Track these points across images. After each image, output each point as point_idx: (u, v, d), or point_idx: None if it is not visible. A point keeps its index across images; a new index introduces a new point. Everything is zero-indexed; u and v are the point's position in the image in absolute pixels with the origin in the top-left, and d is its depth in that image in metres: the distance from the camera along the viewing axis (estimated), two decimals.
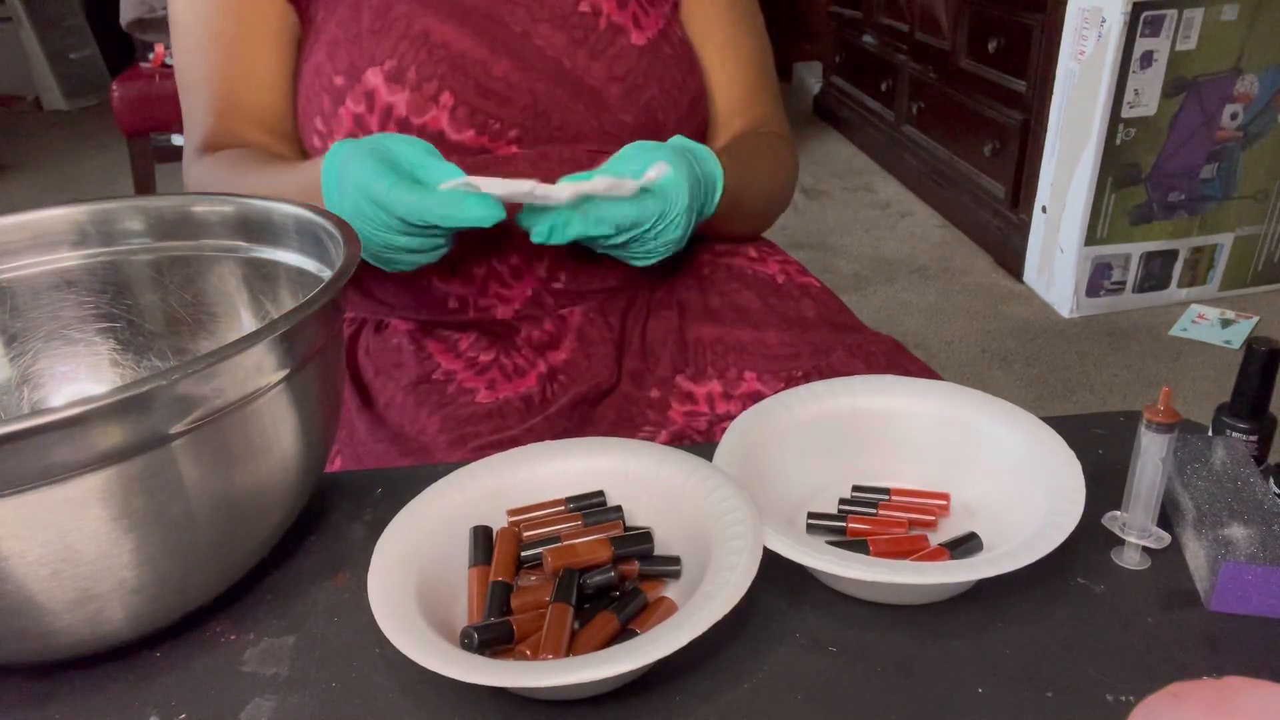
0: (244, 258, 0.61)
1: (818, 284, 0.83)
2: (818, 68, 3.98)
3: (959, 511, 0.54)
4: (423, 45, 0.72)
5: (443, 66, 0.72)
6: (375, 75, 0.72)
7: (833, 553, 0.46)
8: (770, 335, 0.76)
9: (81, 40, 4.42)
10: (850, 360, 0.73)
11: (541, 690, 0.42)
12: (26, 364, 0.60)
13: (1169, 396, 0.47)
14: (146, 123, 2.32)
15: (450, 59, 0.72)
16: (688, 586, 0.46)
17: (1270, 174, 2.07)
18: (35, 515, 0.39)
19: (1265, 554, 0.46)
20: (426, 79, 0.72)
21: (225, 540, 0.46)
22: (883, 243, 2.59)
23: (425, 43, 0.72)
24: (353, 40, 0.73)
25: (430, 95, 0.72)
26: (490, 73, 0.73)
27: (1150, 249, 2.10)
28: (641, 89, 0.77)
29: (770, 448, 0.54)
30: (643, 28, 0.78)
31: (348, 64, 0.73)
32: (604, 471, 0.53)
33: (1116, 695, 0.42)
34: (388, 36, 0.73)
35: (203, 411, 0.41)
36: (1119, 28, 1.85)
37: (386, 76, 0.72)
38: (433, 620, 0.43)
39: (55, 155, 3.76)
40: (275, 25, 0.77)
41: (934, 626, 0.46)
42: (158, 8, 2.32)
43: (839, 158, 3.33)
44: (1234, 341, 1.98)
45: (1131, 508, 0.49)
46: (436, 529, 0.49)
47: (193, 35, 0.78)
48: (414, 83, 0.72)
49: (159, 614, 0.45)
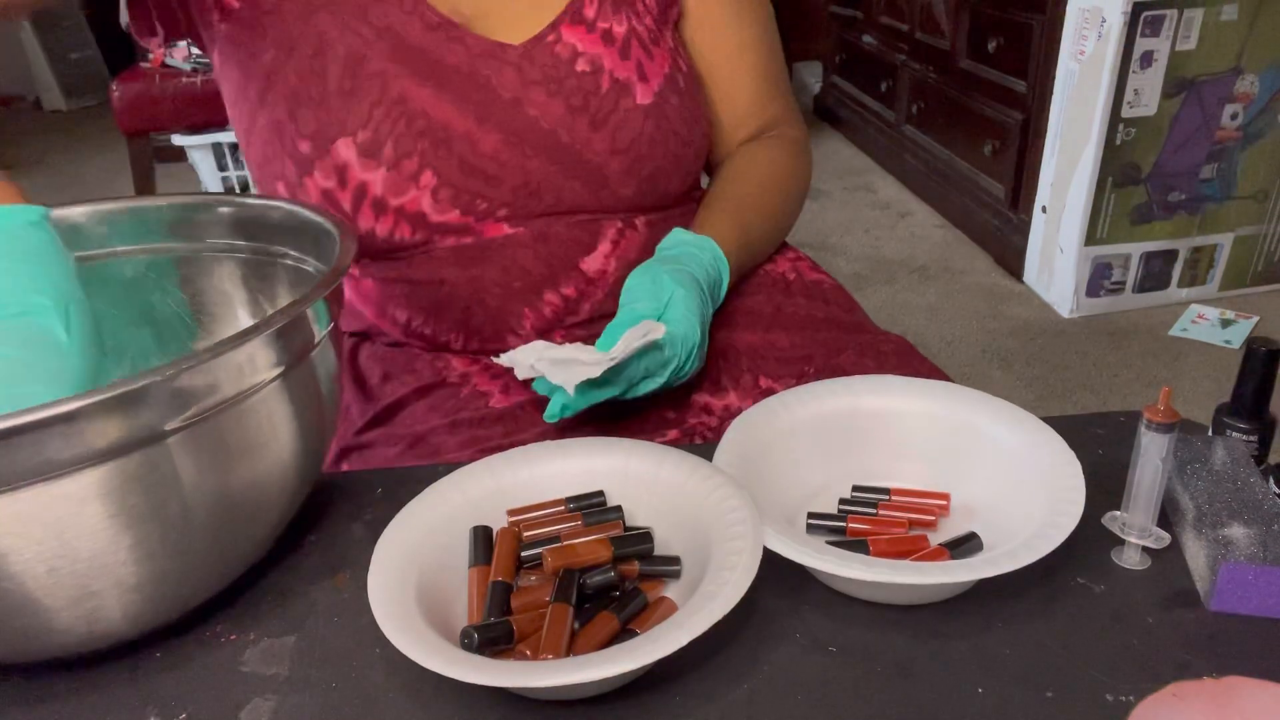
0: (243, 258, 0.61)
1: (829, 280, 0.82)
2: (818, 68, 3.98)
3: (959, 511, 0.54)
4: (400, 114, 0.65)
5: (423, 141, 0.65)
6: (347, 148, 0.65)
7: (833, 553, 0.46)
8: (781, 337, 0.74)
9: (81, 40, 4.42)
10: (861, 360, 0.73)
11: (541, 690, 0.42)
12: None
13: (1169, 396, 0.46)
14: (146, 123, 2.32)
15: (431, 132, 0.66)
16: (688, 586, 0.46)
17: (1270, 174, 2.07)
18: (32, 512, 0.39)
19: (1265, 554, 0.46)
20: (406, 155, 0.65)
21: (223, 537, 0.46)
22: (883, 243, 2.59)
23: (404, 111, 0.65)
24: (319, 101, 0.66)
25: (410, 174, 0.65)
26: (477, 149, 0.67)
27: (1150, 249, 2.10)
28: (645, 160, 0.71)
29: (770, 447, 0.54)
30: (648, 79, 0.71)
31: (315, 129, 0.66)
32: (604, 471, 0.52)
33: (1116, 695, 0.42)
34: (360, 100, 0.65)
35: (199, 407, 0.41)
36: (1119, 28, 1.85)
37: (360, 150, 0.65)
38: (433, 620, 0.43)
39: (55, 155, 3.77)
40: None
41: (934, 626, 0.46)
42: None
43: (839, 158, 3.33)
44: (1234, 341, 1.98)
45: (1131, 508, 0.49)
46: (436, 529, 0.49)
47: None
48: (391, 160, 0.65)
49: (158, 612, 0.45)
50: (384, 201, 0.66)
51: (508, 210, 0.69)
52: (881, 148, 3.18)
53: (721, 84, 0.80)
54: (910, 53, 2.93)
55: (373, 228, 0.68)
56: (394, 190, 0.66)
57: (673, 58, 0.74)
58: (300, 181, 0.67)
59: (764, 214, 0.78)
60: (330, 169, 0.66)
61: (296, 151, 0.66)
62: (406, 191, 0.66)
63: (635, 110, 0.70)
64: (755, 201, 0.77)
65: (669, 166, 0.73)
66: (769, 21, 0.83)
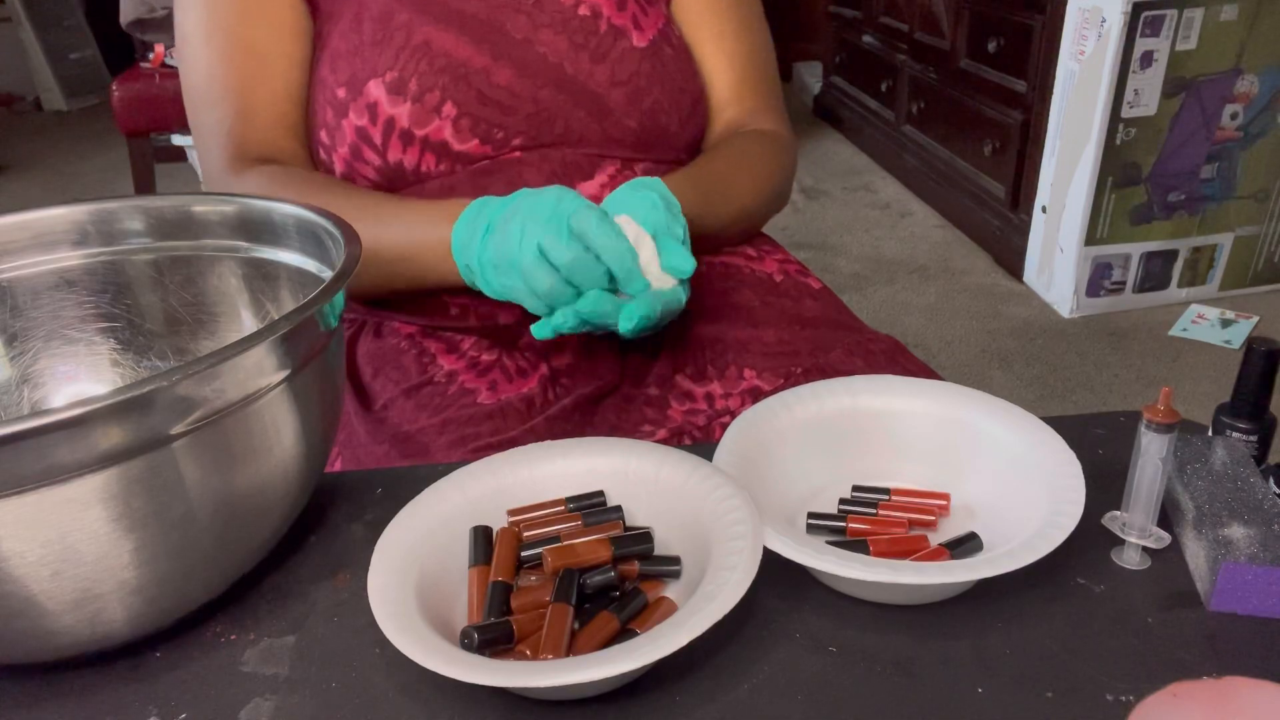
0: (244, 257, 0.61)
1: (818, 284, 0.83)
2: (818, 68, 3.98)
3: (959, 511, 0.54)
4: (423, 55, 0.72)
5: (444, 77, 0.72)
6: (377, 87, 0.72)
7: (833, 553, 0.46)
8: (768, 333, 0.75)
9: (81, 40, 4.42)
10: (849, 359, 0.73)
11: (541, 690, 0.42)
12: (26, 364, 0.60)
13: (1169, 396, 0.47)
14: (146, 123, 2.32)
15: (451, 68, 0.72)
16: (688, 586, 0.46)
17: (1270, 174, 2.07)
18: (36, 516, 0.39)
19: (1265, 554, 0.46)
20: (428, 89, 0.72)
21: (226, 541, 0.46)
22: (883, 243, 2.59)
23: (426, 52, 0.72)
24: (354, 52, 0.73)
25: (432, 106, 0.72)
26: (492, 81, 0.73)
27: (1150, 249, 2.10)
28: (645, 93, 0.77)
29: (770, 447, 0.54)
30: (643, 29, 0.78)
31: (349, 76, 0.73)
32: (604, 471, 0.53)
33: (1116, 695, 0.42)
34: (388, 47, 0.73)
35: (203, 412, 0.41)
36: (1119, 28, 1.85)
37: (388, 88, 0.72)
38: (433, 620, 0.43)
39: (55, 155, 3.77)
40: (299, 32, 0.77)
41: (934, 626, 0.46)
42: (157, 8, 2.32)
43: (839, 158, 3.33)
44: (1234, 341, 1.98)
45: (1131, 508, 0.49)
46: (436, 529, 0.49)
47: (215, 45, 0.76)
48: (415, 94, 0.72)
49: (159, 614, 0.45)
50: (410, 133, 0.73)
51: (523, 139, 0.75)
52: (881, 148, 3.18)
53: (703, 65, 0.84)
54: (910, 53, 2.93)
55: (401, 159, 0.74)
56: (419, 122, 0.72)
57: (665, 22, 0.81)
58: (338, 124, 0.74)
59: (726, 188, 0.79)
60: (363, 108, 0.73)
61: (335, 98, 0.74)
62: (430, 122, 0.72)
63: (632, 50, 0.77)
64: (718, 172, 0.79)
65: (667, 104, 0.78)
66: (757, 19, 0.87)
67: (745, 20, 0.86)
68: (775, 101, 0.88)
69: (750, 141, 0.83)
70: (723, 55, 0.84)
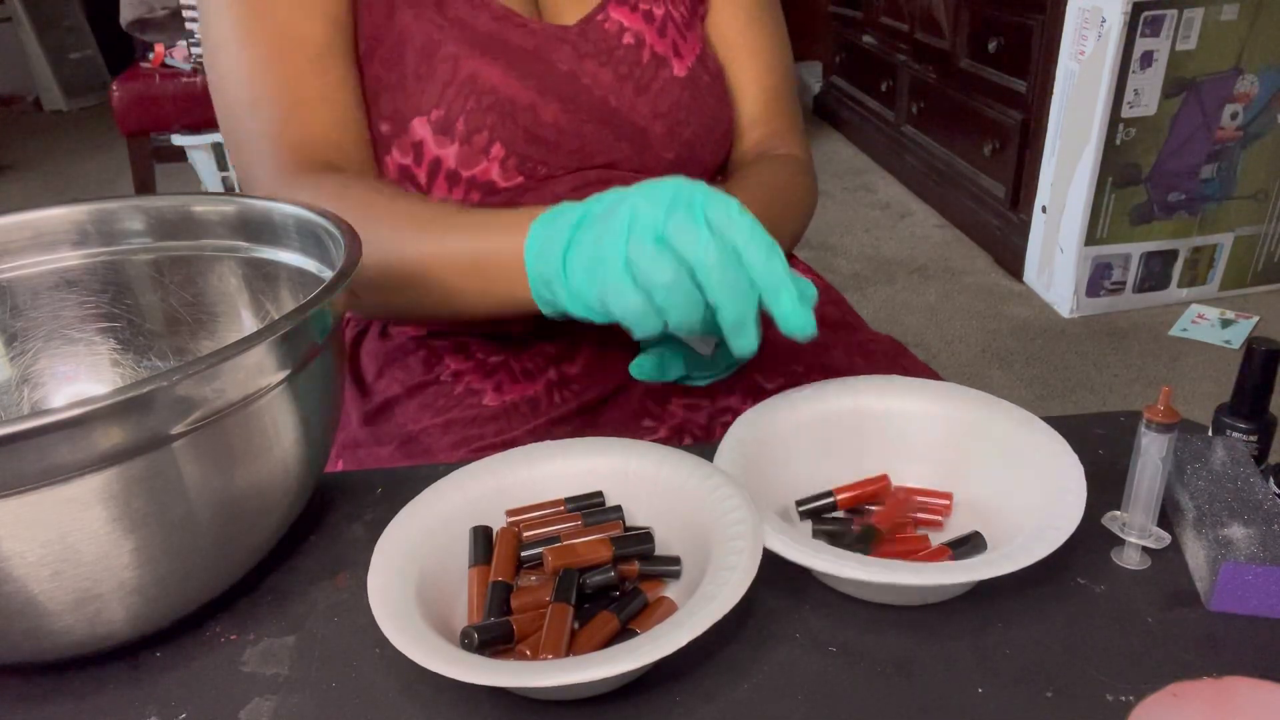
0: (244, 258, 0.61)
1: (820, 281, 0.83)
2: (818, 68, 3.98)
3: (960, 511, 0.54)
4: (471, 92, 0.69)
5: (491, 116, 0.70)
6: (422, 126, 0.69)
7: (833, 553, 0.46)
8: (770, 331, 0.75)
9: (81, 40, 4.42)
10: (850, 358, 0.73)
11: (541, 690, 0.42)
12: (26, 364, 0.60)
13: (1169, 396, 0.47)
14: (146, 123, 2.32)
15: (498, 106, 0.70)
16: (688, 586, 0.46)
17: (1270, 174, 2.07)
18: (36, 516, 0.39)
19: (1265, 554, 0.46)
20: (476, 130, 0.69)
21: (226, 541, 0.46)
22: (883, 243, 2.59)
23: (473, 89, 0.69)
24: (398, 85, 0.70)
25: (480, 148, 0.70)
26: (540, 119, 0.71)
27: (1150, 249, 2.10)
28: (683, 126, 0.76)
29: (771, 447, 0.54)
30: (682, 56, 0.77)
31: (393, 110, 0.70)
32: (604, 471, 0.53)
33: (1116, 695, 0.42)
34: (434, 82, 0.69)
35: (204, 412, 0.41)
36: (1119, 28, 1.85)
37: (434, 128, 0.69)
38: (433, 620, 0.43)
39: (55, 155, 3.77)
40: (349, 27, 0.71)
41: (934, 626, 0.46)
42: (157, 8, 2.32)
43: (839, 158, 3.33)
44: (1234, 341, 1.98)
45: (1131, 508, 0.49)
46: (436, 529, 0.49)
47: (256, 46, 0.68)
48: (463, 135, 0.69)
49: (159, 614, 0.45)
50: (457, 174, 0.71)
51: (564, 173, 0.74)
52: (881, 148, 3.18)
53: (731, 82, 0.83)
54: (910, 53, 2.93)
55: (446, 196, 0.73)
56: (466, 164, 0.71)
57: (702, 45, 0.80)
58: (380, 160, 0.72)
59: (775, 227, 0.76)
60: (407, 146, 0.71)
61: (377, 132, 0.71)
62: (478, 164, 0.71)
63: (673, 81, 0.76)
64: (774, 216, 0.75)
65: (704, 136, 0.78)
66: (783, 38, 0.87)
67: (775, 38, 0.85)
68: (798, 122, 0.87)
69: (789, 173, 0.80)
70: (754, 73, 0.83)
